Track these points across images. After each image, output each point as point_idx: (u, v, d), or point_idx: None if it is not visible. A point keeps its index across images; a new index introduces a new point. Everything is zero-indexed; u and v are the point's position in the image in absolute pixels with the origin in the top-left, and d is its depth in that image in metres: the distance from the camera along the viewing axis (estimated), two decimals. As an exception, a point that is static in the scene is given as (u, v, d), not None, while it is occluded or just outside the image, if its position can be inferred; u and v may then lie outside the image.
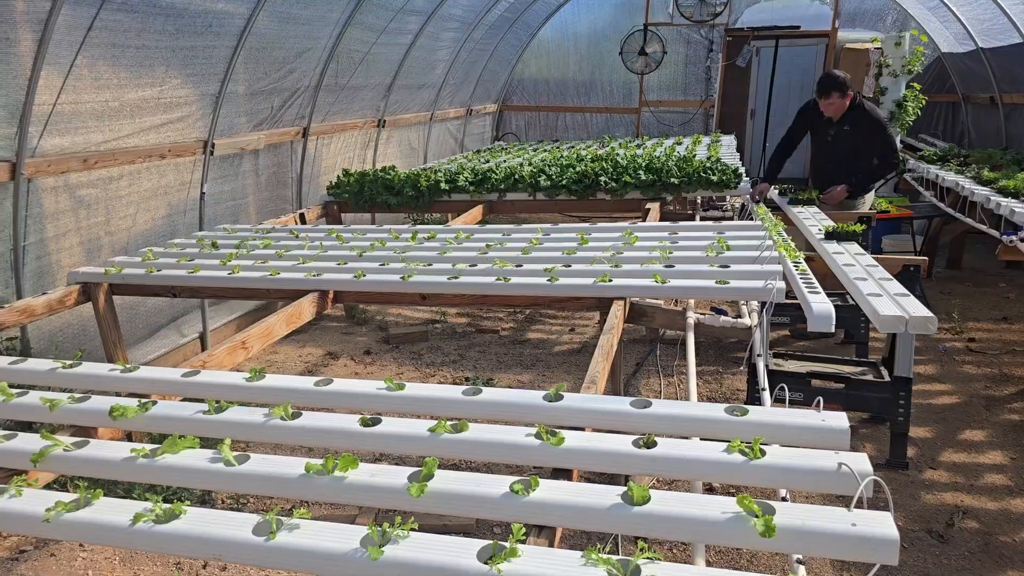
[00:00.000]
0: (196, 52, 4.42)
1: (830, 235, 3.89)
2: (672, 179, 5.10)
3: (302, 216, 5.22)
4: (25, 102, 3.44)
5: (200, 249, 3.88)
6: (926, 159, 7.15)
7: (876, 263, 3.43)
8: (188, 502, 1.55)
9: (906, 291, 2.99)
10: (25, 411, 2.09)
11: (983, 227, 5.37)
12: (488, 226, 4.23)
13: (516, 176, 5.43)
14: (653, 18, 10.02)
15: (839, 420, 1.68)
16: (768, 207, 4.84)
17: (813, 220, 4.39)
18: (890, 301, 2.86)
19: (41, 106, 3.52)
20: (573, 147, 8.24)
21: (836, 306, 2.72)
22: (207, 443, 1.82)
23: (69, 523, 1.52)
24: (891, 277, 3.20)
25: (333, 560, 1.36)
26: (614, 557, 1.29)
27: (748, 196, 5.21)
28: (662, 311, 3.27)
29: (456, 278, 3.08)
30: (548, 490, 1.51)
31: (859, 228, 3.87)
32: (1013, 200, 4.92)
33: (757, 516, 1.34)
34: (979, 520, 3.06)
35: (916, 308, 2.77)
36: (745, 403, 2.02)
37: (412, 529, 1.40)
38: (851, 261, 3.43)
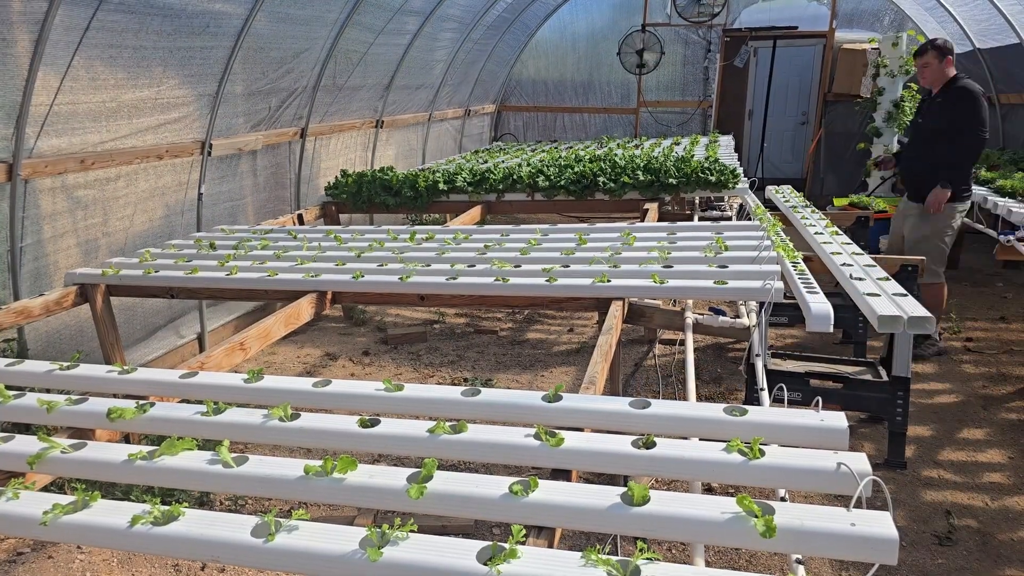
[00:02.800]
0: (193, 52, 4.41)
1: None
2: (670, 179, 5.10)
3: (300, 217, 5.21)
4: (22, 103, 3.43)
5: (198, 250, 3.88)
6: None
7: (874, 263, 3.44)
8: (186, 504, 1.54)
9: (904, 291, 3.00)
10: (22, 413, 2.09)
11: (980, 227, 5.39)
12: (486, 227, 4.23)
13: (514, 176, 5.43)
14: (651, 19, 10.03)
15: (838, 420, 1.68)
16: (767, 207, 4.85)
17: (811, 220, 4.40)
18: (888, 301, 2.87)
19: (38, 107, 3.52)
20: (571, 147, 8.24)
21: (835, 306, 2.72)
22: (205, 445, 1.82)
23: (67, 525, 1.52)
24: (889, 277, 3.20)
25: (332, 562, 1.36)
26: (613, 558, 1.29)
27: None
28: (660, 311, 3.27)
29: (455, 279, 3.08)
30: (547, 491, 1.50)
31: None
32: (1010, 200, 4.93)
33: (756, 516, 1.34)
34: (978, 519, 3.06)
35: (914, 308, 2.78)
36: (744, 403, 2.02)
37: (411, 530, 1.39)
38: (849, 261, 3.43)
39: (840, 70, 9.15)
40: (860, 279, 3.15)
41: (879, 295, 2.94)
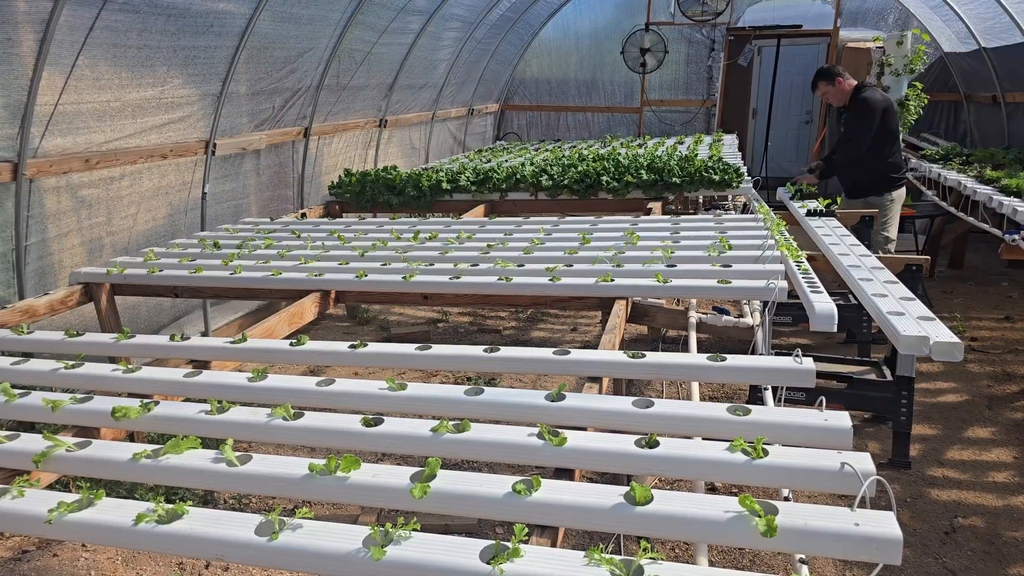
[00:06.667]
0: (197, 52, 4.42)
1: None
2: (674, 178, 5.09)
3: (303, 216, 5.22)
4: (27, 102, 3.44)
5: (202, 249, 3.88)
6: (928, 158, 7.14)
7: (881, 265, 3.43)
8: (190, 502, 1.55)
9: (911, 294, 2.98)
10: (27, 412, 2.09)
11: (985, 226, 5.36)
12: (489, 226, 4.22)
13: (518, 176, 5.43)
14: (655, 17, 10.02)
15: (841, 420, 1.68)
16: (771, 207, 4.83)
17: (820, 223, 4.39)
18: (911, 321, 2.85)
19: (43, 106, 3.53)
20: (575, 146, 8.23)
21: (838, 305, 2.71)
22: (209, 443, 1.82)
23: (71, 523, 1.52)
24: (896, 280, 3.19)
25: (336, 560, 1.36)
26: (617, 557, 1.29)
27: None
28: (664, 310, 3.27)
29: (458, 278, 3.08)
30: (550, 490, 1.50)
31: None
32: (1015, 199, 4.91)
33: (759, 516, 1.34)
34: (983, 518, 3.06)
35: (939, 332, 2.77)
36: (747, 403, 2.02)
37: (415, 529, 1.39)
38: (857, 263, 3.42)
39: (845, 69, 9.10)
40: (867, 280, 3.14)
41: (885, 295, 2.93)
